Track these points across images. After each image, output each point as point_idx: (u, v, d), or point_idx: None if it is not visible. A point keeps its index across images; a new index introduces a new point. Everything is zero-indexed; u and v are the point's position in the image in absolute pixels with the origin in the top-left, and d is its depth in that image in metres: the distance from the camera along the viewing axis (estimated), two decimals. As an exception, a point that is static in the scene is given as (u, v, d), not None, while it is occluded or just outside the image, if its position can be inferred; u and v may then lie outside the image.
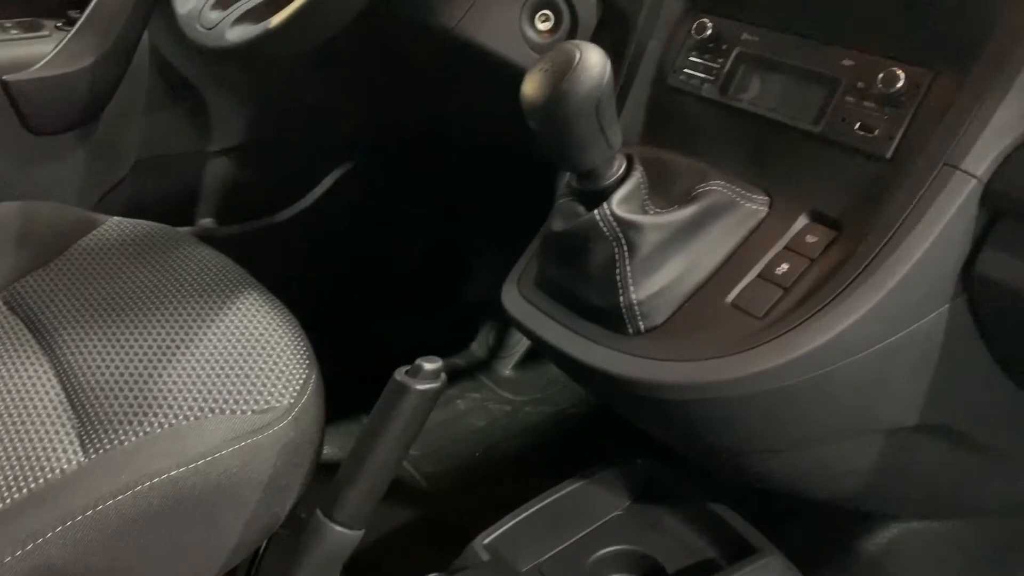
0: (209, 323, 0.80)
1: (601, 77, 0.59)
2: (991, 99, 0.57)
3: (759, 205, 0.68)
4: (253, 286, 0.87)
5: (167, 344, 0.77)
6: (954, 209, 0.58)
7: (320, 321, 1.39)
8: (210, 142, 1.28)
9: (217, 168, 1.29)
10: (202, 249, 0.94)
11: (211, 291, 0.85)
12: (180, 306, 0.82)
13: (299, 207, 1.34)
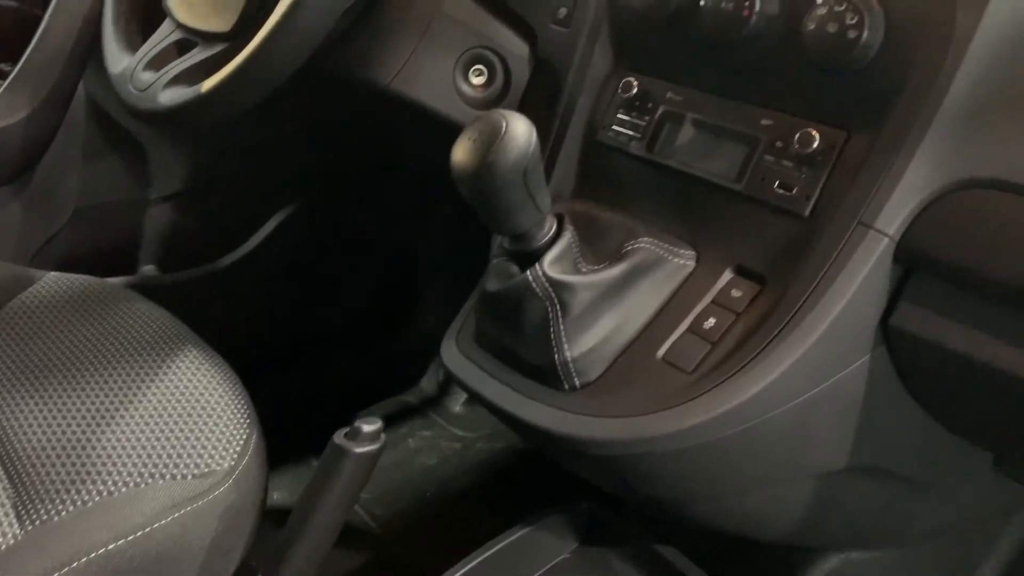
0: (148, 384, 0.80)
1: (527, 146, 0.60)
2: (901, 159, 0.60)
3: (687, 260, 0.70)
4: (192, 342, 0.87)
5: (105, 407, 0.77)
6: (869, 266, 0.60)
7: (267, 362, 1.39)
8: (150, 189, 1.27)
9: (158, 215, 1.28)
10: (141, 304, 0.93)
11: (150, 349, 0.84)
12: (119, 366, 0.81)
13: (243, 251, 1.33)
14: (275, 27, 0.70)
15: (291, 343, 1.43)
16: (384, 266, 1.51)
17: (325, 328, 1.48)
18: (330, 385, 1.48)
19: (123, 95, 0.83)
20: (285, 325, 1.42)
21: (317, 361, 1.46)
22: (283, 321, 1.42)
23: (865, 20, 0.60)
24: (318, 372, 1.46)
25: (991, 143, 0.57)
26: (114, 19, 0.88)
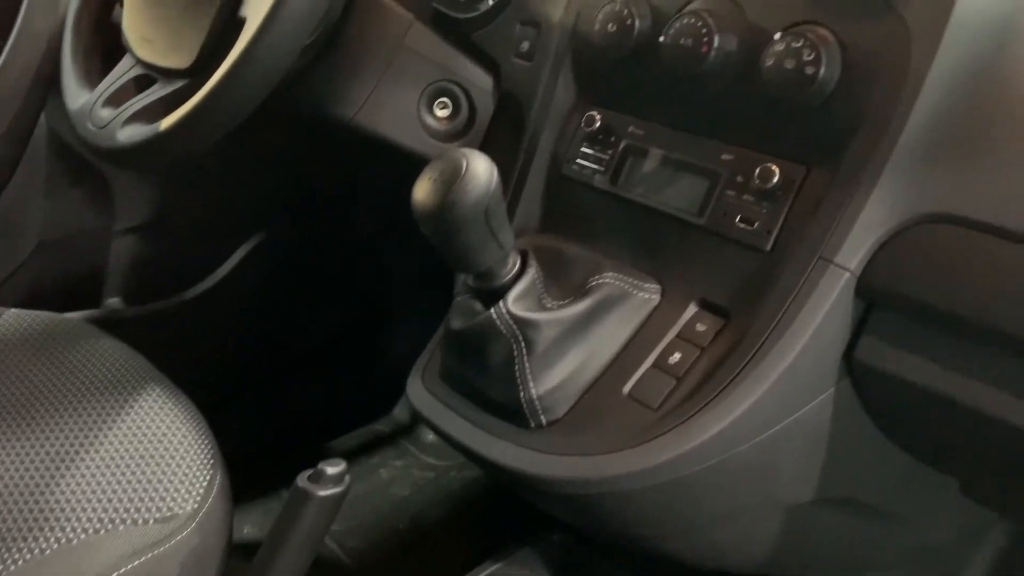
0: (108, 425, 0.78)
1: (488, 185, 0.60)
2: (860, 195, 0.60)
3: (651, 294, 0.70)
4: (155, 379, 0.86)
5: (64, 450, 0.75)
6: (831, 301, 0.61)
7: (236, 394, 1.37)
8: (115, 221, 1.25)
9: (123, 247, 1.27)
10: (103, 340, 0.92)
11: (111, 388, 0.83)
12: (78, 407, 0.80)
13: (210, 282, 1.32)
14: (234, 64, 0.69)
15: (260, 374, 1.41)
16: (353, 294, 1.50)
17: (294, 358, 1.46)
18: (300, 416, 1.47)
19: (81, 132, 0.82)
20: (253, 356, 1.40)
21: (286, 392, 1.45)
22: (251, 352, 1.40)
23: (822, 57, 0.61)
24: (288, 403, 1.45)
25: (947, 179, 0.58)
26: (72, 55, 0.87)
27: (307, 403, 1.47)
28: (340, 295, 1.49)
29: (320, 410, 1.49)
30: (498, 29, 0.85)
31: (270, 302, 1.39)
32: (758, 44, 0.64)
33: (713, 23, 0.65)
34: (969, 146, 0.57)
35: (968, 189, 0.57)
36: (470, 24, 0.87)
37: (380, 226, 1.44)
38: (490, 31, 0.86)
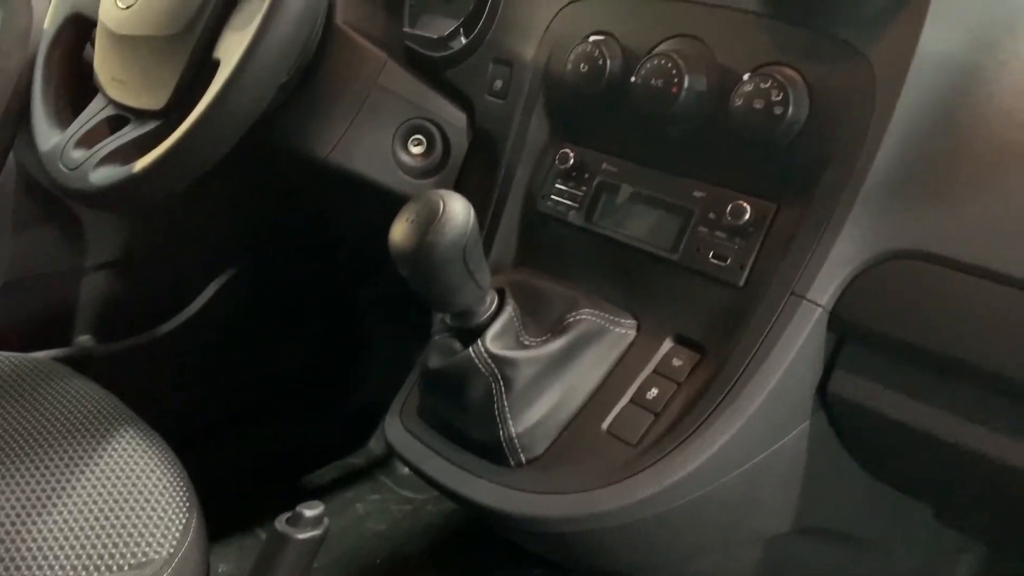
0: (80, 468, 0.77)
1: (465, 226, 0.61)
2: (830, 231, 0.62)
3: (628, 329, 0.70)
4: (128, 420, 0.84)
5: (37, 495, 0.74)
6: (804, 336, 0.62)
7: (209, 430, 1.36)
8: (85, 257, 1.24)
9: (93, 284, 1.25)
10: (74, 381, 0.90)
11: (83, 430, 0.81)
12: (51, 450, 0.78)
13: (182, 317, 1.30)
14: (209, 106, 0.69)
15: (233, 409, 1.40)
16: (326, 327, 1.49)
17: (268, 393, 1.45)
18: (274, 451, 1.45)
19: (53, 173, 0.81)
20: (227, 392, 1.39)
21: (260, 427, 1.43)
22: (225, 388, 1.39)
23: (790, 97, 0.62)
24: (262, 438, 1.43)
25: (915, 217, 0.59)
26: (43, 95, 0.87)
27: (281, 438, 1.46)
28: (312, 328, 1.48)
29: (294, 445, 1.47)
30: (471, 68, 0.86)
31: (243, 336, 1.38)
32: (727, 84, 0.66)
33: (683, 64, 0.67)
34: (935, 184, 0.59)
35: (934, 226, 0.58)
36: (443, 63, 0.88)
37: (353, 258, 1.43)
38: (463, 69, 0.87)
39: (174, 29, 0.76)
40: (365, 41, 0.82)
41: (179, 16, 0.75)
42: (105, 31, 0.82)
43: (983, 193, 0.57)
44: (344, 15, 0.82)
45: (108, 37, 0.82)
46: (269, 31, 0.67)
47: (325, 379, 1.51)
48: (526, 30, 0.81)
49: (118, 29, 0.80)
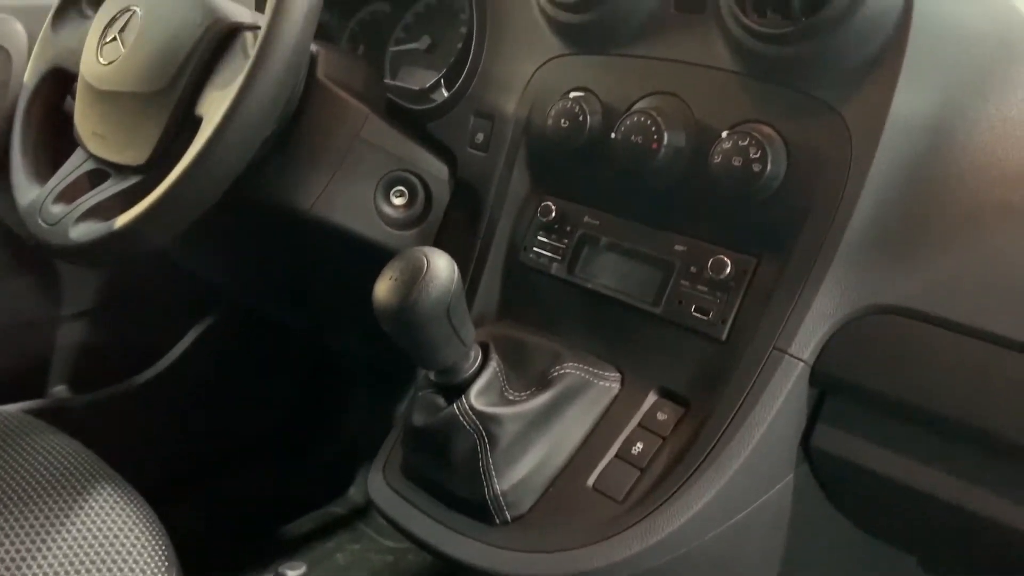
0: (58, 528, 0.75)
1: (449, 283, 0.61)
2: (810, 286, 0.62)
3: (612, 382, 0.70)
4: (105, 477, 0.83)
5: (12, 556, 0.72)
6: (786, 391, 0.62)
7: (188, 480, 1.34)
8: (60, 306, 1.22)
9: (70, 333, 1.24)
10: (49, 436, 0.89)
11: (60, 488, 0.80)
12: (26, 509, 0.77)
13: (161, 366, 1.29)
14: (191, 163, 0.69)
15: (212, 459, 1.38)
16: (305, 375, 1.48)
17: (246, 442, 1.43)
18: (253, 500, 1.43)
19: (32, 228, 0.81)
20: (204, 441, 1.37)
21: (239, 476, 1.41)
22: (202, 437, 1.37)
23: (768, 154, 0.63)
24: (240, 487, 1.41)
25: (892, 272, 0.60)
26: (22, 150, 0.86)
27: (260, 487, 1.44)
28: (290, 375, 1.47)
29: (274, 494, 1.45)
30: (453, 121, 0.87)
31: (221, 385, 1.37)
32: (706, 141, 0.67)
33: (662, 121, 0.68)
34: (912, 240, 0.60)
35: (912, 282, 0.59)
36: (425, 115, 0.89)
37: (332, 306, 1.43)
38: (445, 122, 0.87)
39: (156, 86, 0.76)
40: (347, 95, 0.83)
41: (161, 73, 0.75)
42: (86, 86, 0.82)
43: (959, 249, 0.58)
44: (326, 70, 0.83)
45: (89, 92, 0.81)
46: (253, 89, 0.68)
47: (303, 427, 1.50)
48: (507, 85, 0.82)
49: (100, 85, 0.80)
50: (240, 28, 0.76)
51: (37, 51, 0.91)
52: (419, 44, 1.02)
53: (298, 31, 0.68)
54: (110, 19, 0.82)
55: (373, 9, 1.08)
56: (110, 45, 0.80)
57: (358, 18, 1.09)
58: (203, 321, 1.31)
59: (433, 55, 1.02)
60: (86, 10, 0.90)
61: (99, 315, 1.25)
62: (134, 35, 0.79)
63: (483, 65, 0.84)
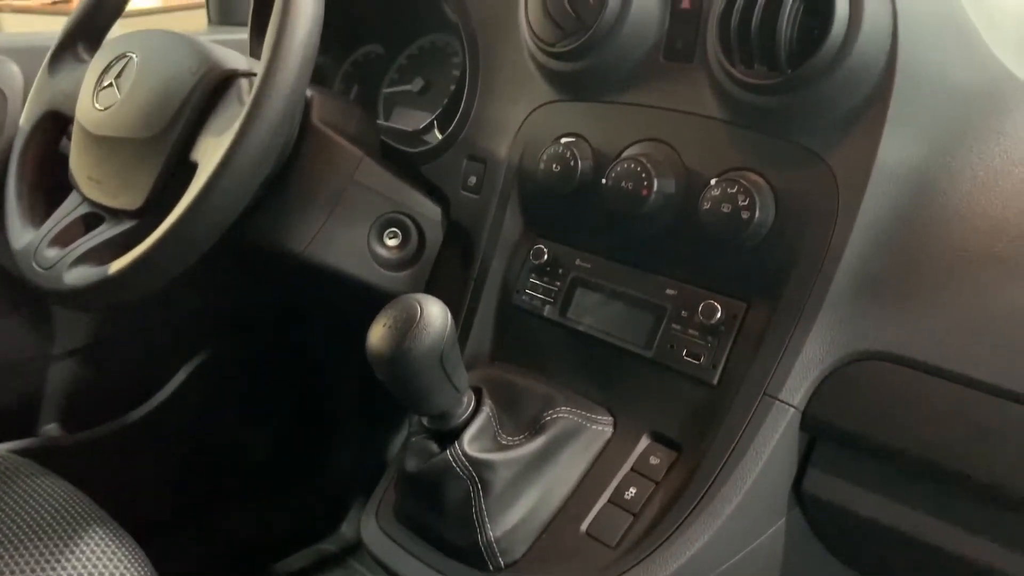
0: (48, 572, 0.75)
1: (443, 330, 0.61)
2: (799, 332, 0.63)
3: (605, 426, 0.71)
4: (97, 520, 0.83)
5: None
6: (777, 436, 0.62)
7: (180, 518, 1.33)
8: (52, 344, 1.22)
9: (62, 371, 1.23)
10: (39, 479, 0.88)
11: (51, 531, 0.79)
12: (16, 553, 0.76)
13: (152, 403, 1.28)
14: (187, 209, 0.69)
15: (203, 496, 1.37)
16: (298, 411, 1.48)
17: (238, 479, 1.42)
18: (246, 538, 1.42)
19: (26, 272, 0.81)
20: (196, 478, 1.36)
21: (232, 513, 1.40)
22: (194, 474, 1.36)
23: (756, 202, 0.64)
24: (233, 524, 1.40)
25: (881, 319, 0.61)
26: (17, 193, 0.87)
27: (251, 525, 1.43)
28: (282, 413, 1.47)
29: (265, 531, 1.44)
30: (446, 164, 0.87)
31: (212, 423, 1.36)
32: (696, 188, 0.68)
33: (652, 168, 0.68)
34: (899, 287, 0.61)
35: (900, 328, 0.60)
36: (419, 158, 0.90)
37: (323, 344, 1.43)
38: (438, 165, 0.88)
39: (151, 132, 0.76)
40: (341, 139, 0.84)
41: (157, 119, 0.76)
42: (82, 131, 0.83)
43: (946, 297, 0.59)
44: (321, 114, 0.84)
45: (85, 137, 0.82)
46: (248, 136, 0.68)
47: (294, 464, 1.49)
48: (499, 129, 0.83)
49: (95, 130, 0.80)
50: (235, 75, 0.77)
51: (33, 95, 0.92)
52: (412, 86, 1.03)
53: (293, 79, 0.69)
54: (106, 65, 0.83)
55: (367, 51, 1.10)
56: (106, 91, 0.81)
57: (352, 59, 1.11)
58: (194, 359, 1.31)
59: (426, 97, 1.03)
60: (82, 54, 0.91)
61: (90, 353, 1.24)
62: (130, 81, 0.79)
63: (476, 110, 0.85)
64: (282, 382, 1.44)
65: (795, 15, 0.61)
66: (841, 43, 0.59)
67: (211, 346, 1.33)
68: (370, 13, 1.06)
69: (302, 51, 0.69)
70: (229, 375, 1.35)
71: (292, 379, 1.45)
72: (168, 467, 1.31)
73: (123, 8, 0.91)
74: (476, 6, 0.84)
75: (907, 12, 0.60)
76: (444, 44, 1.03)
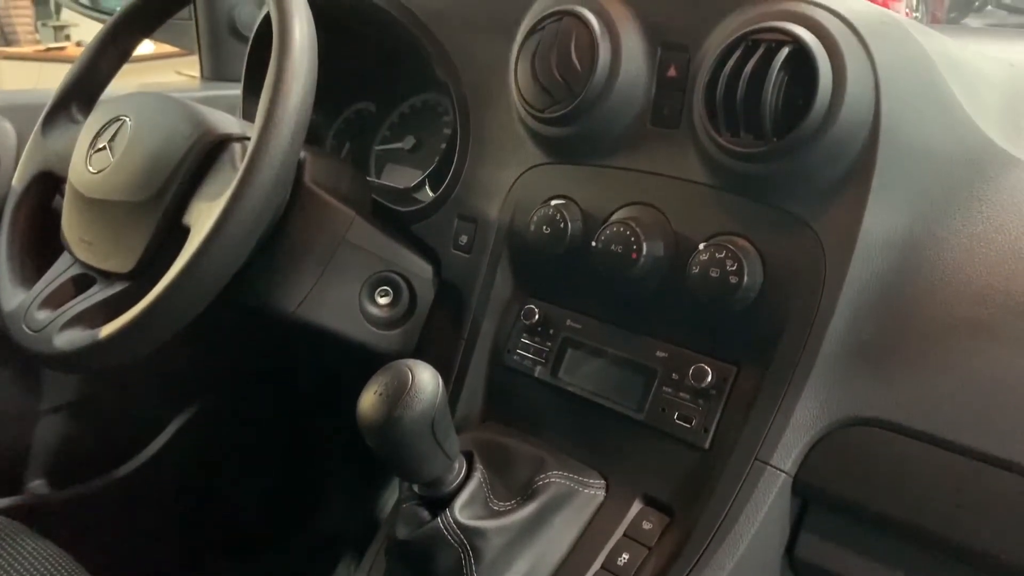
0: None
1: (434, 398, 0.61)
2: (789, 398, 0.63)
3: (597, 490, 0.71)
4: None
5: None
6: (769, 502, 0.62)
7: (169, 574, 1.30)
8: (40, 400, 1.21)
9: (49, 426, 1.22)
10: (25, 541, 0.87)
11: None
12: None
13: (141, 459, 1.27)
14: (180, 274, 0.69)
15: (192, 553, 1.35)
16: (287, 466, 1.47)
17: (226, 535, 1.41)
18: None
19: (16, 335, 0.80)
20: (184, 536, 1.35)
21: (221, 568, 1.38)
22: (183, 529, 1.34)
23: (744, 266, 0.64)
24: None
25: (870, 383, 0.61)
26: (8, 254, 0.87)
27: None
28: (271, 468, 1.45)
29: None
30: (437, 223, 0.88)
31: (200, 478, 1.35)
32: (684, 251, 0.68)
33: (641, 232, 0.69)
34: (887, 355, 0.61)
35: (889, 395, 0.60)
36: (410, 217, 0.90)
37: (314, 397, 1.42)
38: (429, 224, 0.89)
39: (144, 195, 0.77)
40: (333, 199, 0.84)
41: (150, 183, 0.77)
42: (74, 193, 0.83)
43: (933, 364, 0.59)
44: (313, 174, 0.84)
45: (77, 199, 0.82)
46: (241, 201, 0.68)
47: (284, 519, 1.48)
48: (490, 190, 0.83)
49: (88, 193, 0.81)
50: (229, 139, 0.78)
51: (26, 155, 0.92)
52: (403, 144, 1.04)
53: (287, 145, 0.69)
54: (100, 127, 0.83)
55: (359, 108, 1.11)
56: (100, 154, 0.82)
57: (344, 117, 1.12)
58: (183, 414, 1.30)
59: (417, 155, 1.04)
60: (76, 115, 0.92)
61: (78, 408, 1.24)
62: (124, 145, 0.80)
63: (466, 171, 0.86)
64: (271, 437, 1.43)
65: (780, 85, 0.62)
66: (825, 113, 0.60)
67: (200, 401, 1.32)
68: (362, 72, 1.08)
69: (295, 117, 0.70)
70: (218, 430, 1.34)
71: (281, 434, 1.44)
72: (154, 524, 1.29)
73: (116, 71, 0.92)
74: (466, 71, 0.85)
75: (889, 83, 0.62)
76: (435, 103, 1.04)
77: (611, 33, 0.71)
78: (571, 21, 0.72)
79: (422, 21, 0.87)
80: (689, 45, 0.69)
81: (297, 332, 0.89)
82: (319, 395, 1.44)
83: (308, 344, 1.19)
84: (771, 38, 0.62)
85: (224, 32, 1.33)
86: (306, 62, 0.71)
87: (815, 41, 0.61)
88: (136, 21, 0.90)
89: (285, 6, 0.72)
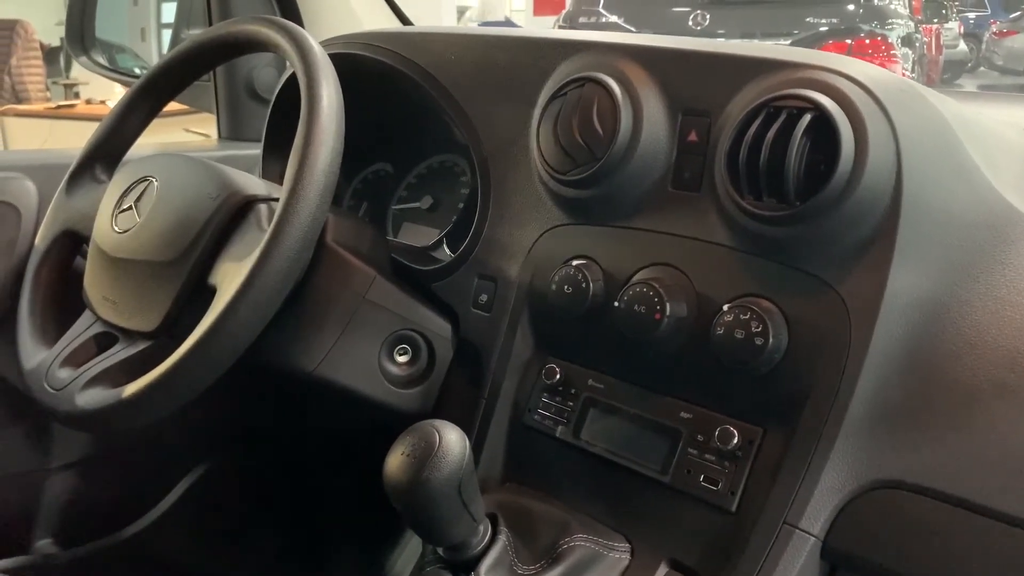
0: None
1: (461, 459, 0.61)
2: (817, 460, 0.63)
3: (622, 553, 0.70)
4: None
5: None
6: (799, 566, 0.62)
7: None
8: (51, 458, 1.20)
9: (58, 485, 1.21)
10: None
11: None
12: None
13: (150, 517, 1.26)
14: (206, 334, 0.70)
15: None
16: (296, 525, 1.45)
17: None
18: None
19: (37, 393, 0.80)
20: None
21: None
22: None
23: (769, 328, 0.65)
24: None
25: (897, 447, 0.61)
26: (30, 312, 0.87)
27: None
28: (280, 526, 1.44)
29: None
30: (456, 281, 0.89)
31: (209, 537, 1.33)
32: (707, 313, 0.69)
33: (664, 293, 0.70)
34: (913, 418, 0.61)
35: (916, 458, 0.60)
36: (429, 276, 0.91)
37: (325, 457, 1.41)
38: (449, 283, 0.89)
39: (170, 255, 0.78)
40: (354, 259, 0.85)
41: (176, 243, 0.77)
42: (99, 252, 0.84)
43: (960, 427, 0.60)
44: (335, 234, 0.85)
45: (101, 258, 0.83)
46: (269, 261, 0.69)
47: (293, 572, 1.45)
48: (509, 250, 0.84)
49: (113, 252, 0.81)
50: (255, 200, 0.79)
51: (50, 214, 0.93)
52: (421, 203, 1.06)
53: (315, 207, 0.70)
54: (126, 188, 0.85)
55: (376, 169, 1.13)
56: (125, 214, 0.83)
57: (362, 177, 1.13)
58: (193, 472, 1.29)
59: (434, 214, 1.05)
60: (100, 175, 0.93)
61: (87, 467, 1.23)
62: (150, 205, 0.81)
63: (486, 231, 0.87)
64: (281, 496, 1.42)
65: (803, 151, 0.63)
66: (848, 178, 0.62)
67: (209, 459, 1.31)
68: (381, 134, 1.09)
69: (323, 180, 0.71)
70: (227, 489, 1.33)
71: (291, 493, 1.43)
72: None
73: (140, 132, 0.94)
74: (487, 133, 0.87)
75: (909, 148, 0.63)
76: (452, 164, 1.06)
77: (632, 99, 0.73)
78: (593, 87, 0.74)
79: (444, 87, 0.89)
80: (710, 111, 0.71)
81: (314, 391, 0.89)
82: (328, 454, 1.43)
83: (324, 404, 1.19)
84: (793, 105, 0.63)
85: (242, 93, 1.35)
86: (334, 126, 0.72)
87: (836, 108, 0.62)
88: (162, 84, 0.92)
89: (313, 71, 0.74)
